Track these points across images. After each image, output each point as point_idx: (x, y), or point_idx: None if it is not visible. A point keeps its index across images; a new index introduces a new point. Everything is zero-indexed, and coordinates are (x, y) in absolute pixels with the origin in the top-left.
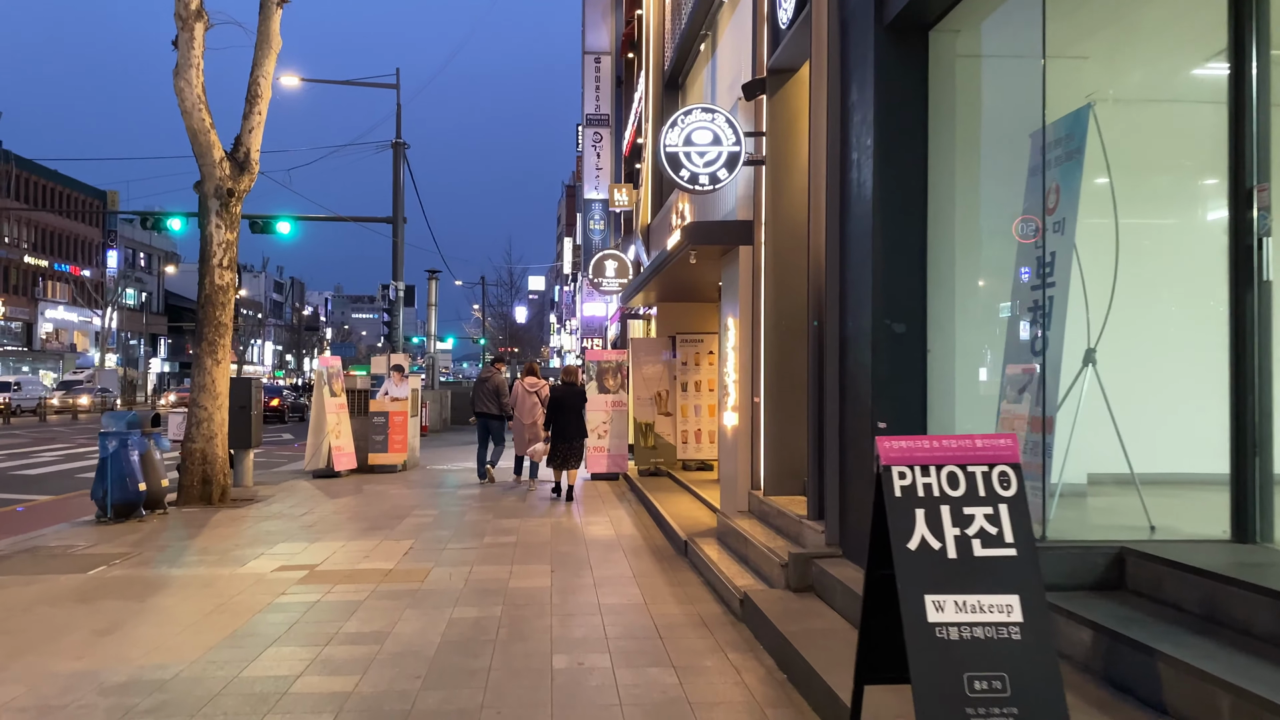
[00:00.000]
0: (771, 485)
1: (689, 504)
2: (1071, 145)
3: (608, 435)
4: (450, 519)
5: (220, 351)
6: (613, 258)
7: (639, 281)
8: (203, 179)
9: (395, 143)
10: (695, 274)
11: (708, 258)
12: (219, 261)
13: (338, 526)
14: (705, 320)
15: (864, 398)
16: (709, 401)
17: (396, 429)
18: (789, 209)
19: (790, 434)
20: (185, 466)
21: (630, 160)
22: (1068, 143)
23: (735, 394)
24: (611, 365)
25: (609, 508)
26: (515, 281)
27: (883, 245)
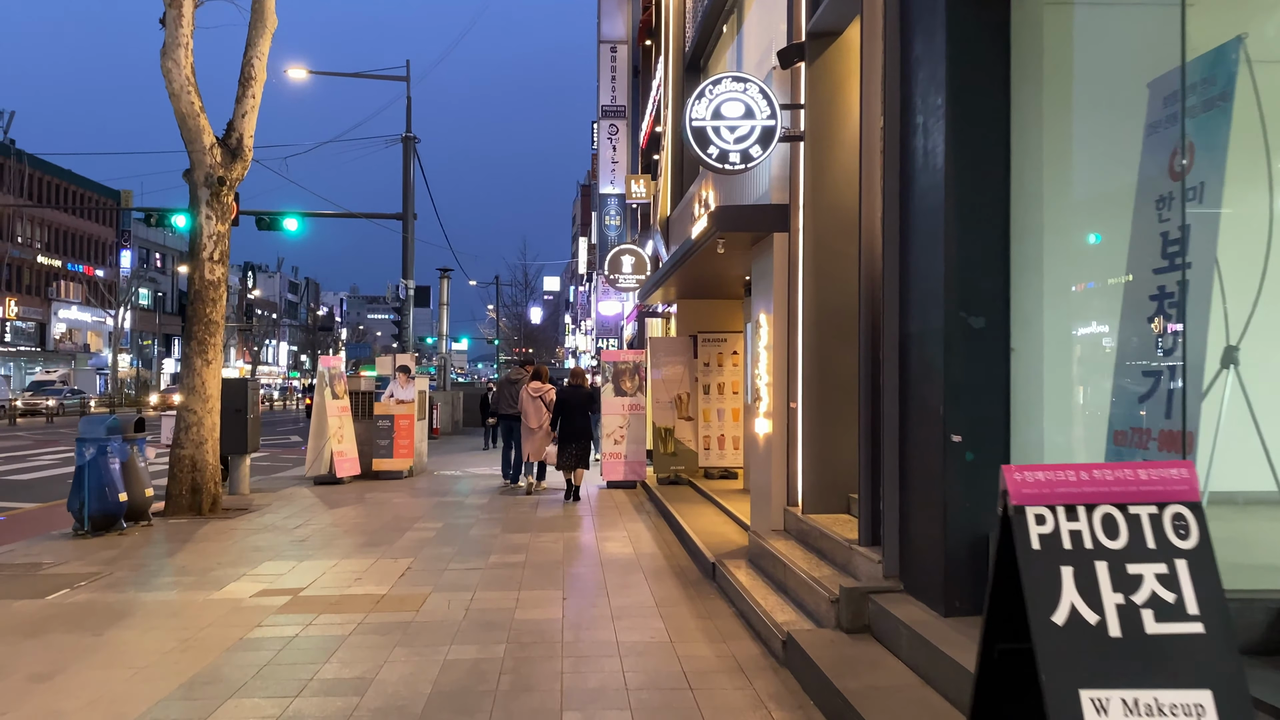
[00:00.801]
0: (811, 502)
1: (714, 517)
2: (1212, 91)
3: (624, 441)
4: (455, 533)
5: (211, 351)
6: (629, 253)
7: (659, 276)
8: (192, 166)
9: (405, 136)
10: (721, 267)
11: (737, 247)
12: (209, 254)
13: (332, 541)
14: (729, 318)
15: (932, 405)
16: (733, 405)
17: (402, 433)
18: (832, 190)
19: (833, 444)
20: (173, 474)
21: (648, 152)
22: (1206, 88)
23: (768, 398)
24: (629, 366)
25: (626, 520)
26: (530, 282)
27: (956, 224)
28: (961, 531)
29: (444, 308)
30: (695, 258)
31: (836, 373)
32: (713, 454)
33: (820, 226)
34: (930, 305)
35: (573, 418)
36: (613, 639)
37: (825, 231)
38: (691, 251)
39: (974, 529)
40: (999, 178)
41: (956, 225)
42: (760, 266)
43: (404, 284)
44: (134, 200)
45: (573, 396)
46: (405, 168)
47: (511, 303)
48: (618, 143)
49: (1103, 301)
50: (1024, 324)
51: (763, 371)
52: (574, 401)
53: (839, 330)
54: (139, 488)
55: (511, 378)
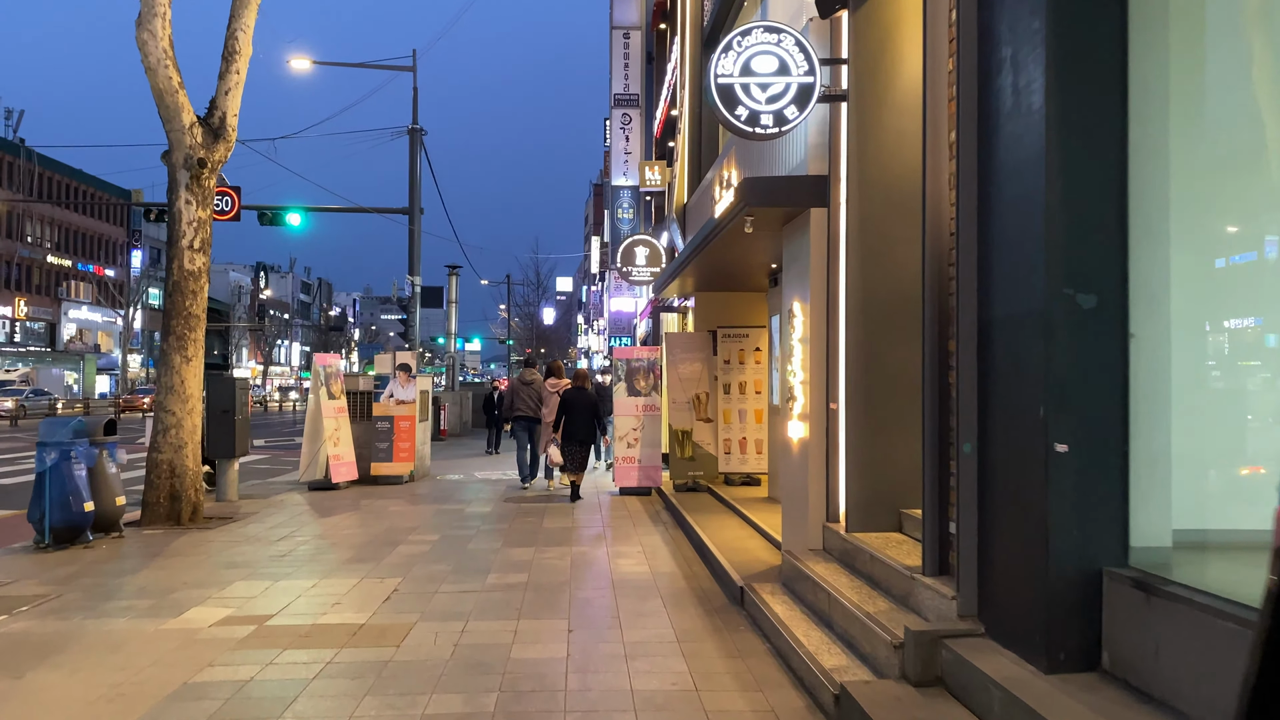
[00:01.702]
0: (857, 518)
1: (737, 530)
2: None
3: (638, 444)
4: (452, 547)
5: (190, 347)
6: (643, 244)
7: (676, 265)
8: (170, 147)
9: (411, 128)
10: (745, 252)
11: (766, 226)
12: (189, 243)
13: (316, 556)
14: (751, 312)
15: (1026, 407)
16: (755, 406)
17: (402, 436)
18: (880, 158)
19: (882, 452)
20: (150, 481)
21: (662, 141)
22: None
23: (804, 398)
24: (643, 364)
25: (641, 532)
26: (542, 281)
27: (1060, 179)
28: (1068, 566)
29: (453, 306)
30: (719, 240)
31: (887, 368)
32: (734, 458)
33: (867, 200)
34: (1023, 282)
35: (575, 420)
36: (626, 686)
37: (873, 205)
38: (715, 233)
39: (1085, 563)
40: (1115, 119)
41: (1060, 180)
42: (794, 248)
43: (410, 280)
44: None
45: (577, 399)
46: (411, 161)
47: (524, 302)
48: (631, 132)
49: (1257, 276)
50: (1147, 304)
51: (797, 368)
52: (578, 404)
53: (890, 319)
54: (108, 496)
55: (525, 379)
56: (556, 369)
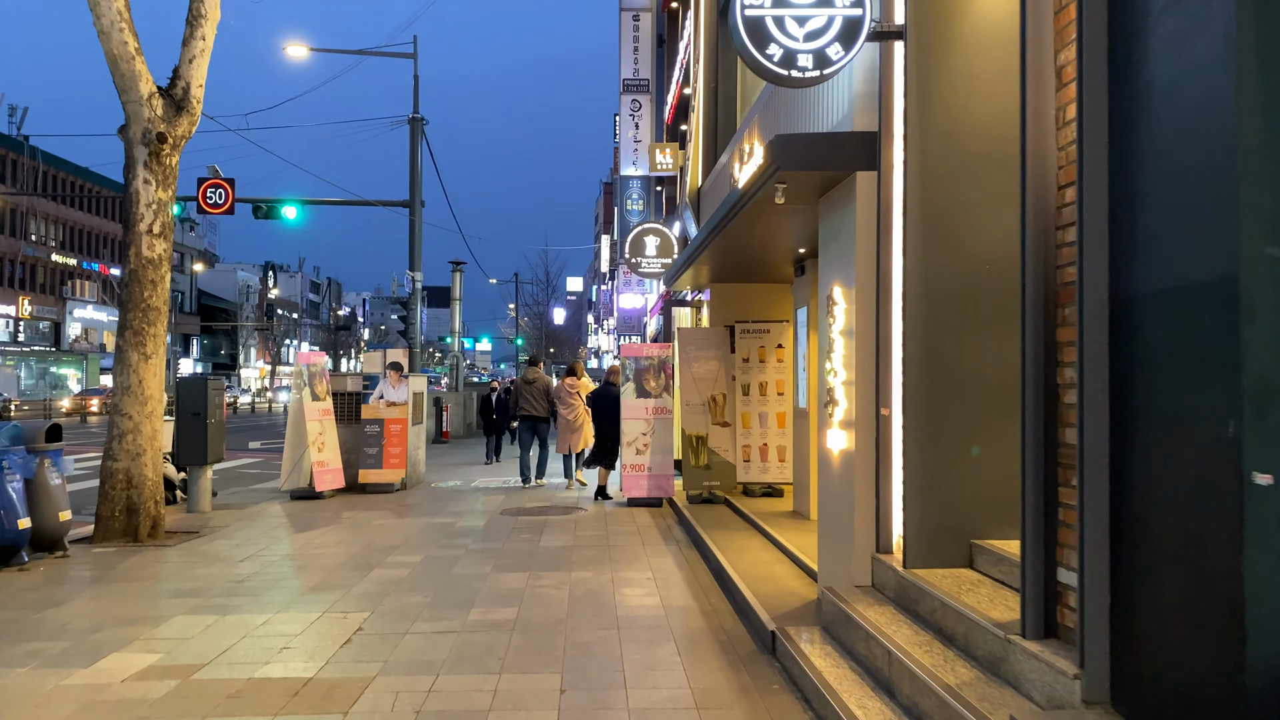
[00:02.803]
0: (918, 550)
1: (762, 553)
2: None
3: (648, 450)
4: (435, 571)
5: (150, 343)
6: (654, 233)
7: (690, 250)
8: (127, 120)
9: (412, 117)
10: (769, 234)
11: (800, 198)
12: (148, 226)
13: (279, 582)
14: (772, 305)
15: (1198, 416)
16: (777, 409)
17: (393, 440)
18: (948, 105)
19: (951, 467)
20: (104, 492)
21: (674, 128)
22: None
23: (847, 402)
24: (653, 363)
25: (651, 553)
26: (551, 281)
27: (1260, 88)
28: (1274, 647)
29: (457, 303)
30: (742, 216)
31: (956, 365)
32: (753, 467)
33: (930, 158)
34: (1193, 241)
35: (603, 418)
36: None
37: (938, 165)
38: (738, 206)
39: None
40: None
41: (1260, 88)
42: (834, 222)
43: (410, 276)
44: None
45: (605, 396)
46: (412, 151)
47: (533, 302)
48: (641, 120)
49: None
50: None
51: (838, 366)
52: (608, 401)
53: (960, 304)
54: (50, 510)
55: (528, 378)
56: (577, 369)
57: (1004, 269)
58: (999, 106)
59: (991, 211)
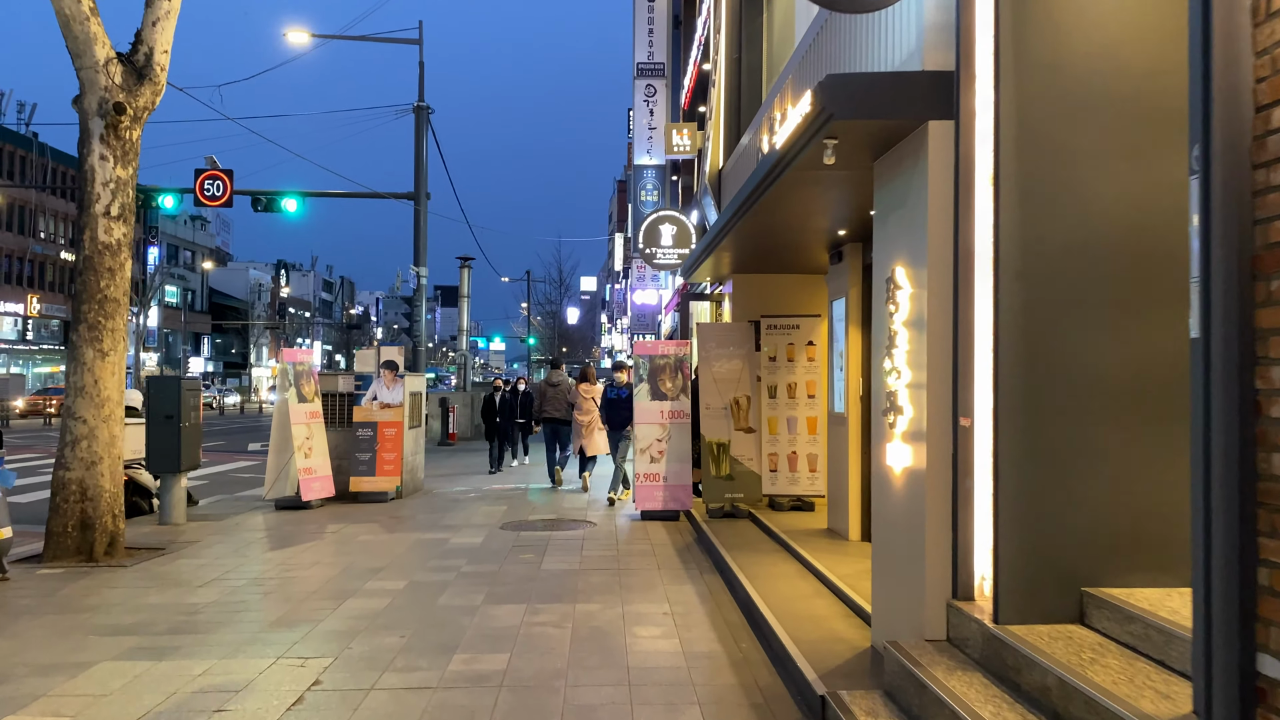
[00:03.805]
0: (1015, 599)
1: (798, 582)
2: None
3: (664, 458)
4: (418, 602)
5: (107, 338)
6: (670, 220)
7: (712, 235)
8: (81, 90)
9: (417, 105)
10: (806, 210)
11: (852, 157)
12: (105, 208)
13: (235, 615)
14: (803, 298)
15: None
16: (808, 413)
17: (387, 445)
18: (1056, 31)
19: (1061, 494)
20: (55, 505)
21: (690, 113)
22: None
23: (914, 409)
24: (669, 361)
25: (668, 579)
26: (565, 280)
27: None
28: None
29: (465, 300)
30: (777, 188)
31: (1067, 363)
32: (781, 478)
33: (1031, 99)
34: None
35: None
36: None
37: (1041, 108)
38: (773, 175)
39: None
40: None
41: None
42: (896, 188)
43: (415, 271)
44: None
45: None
46: (418, 141)
47: (546, 300)
48: (655, 106)
49: None
50: None
51: (901, 364)
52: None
53: (1072, 285)
54: None
55: (551, 380)
56: (589, 374)
57: (1131, 238)
58: (1124, 25)
59: (1113, 166)
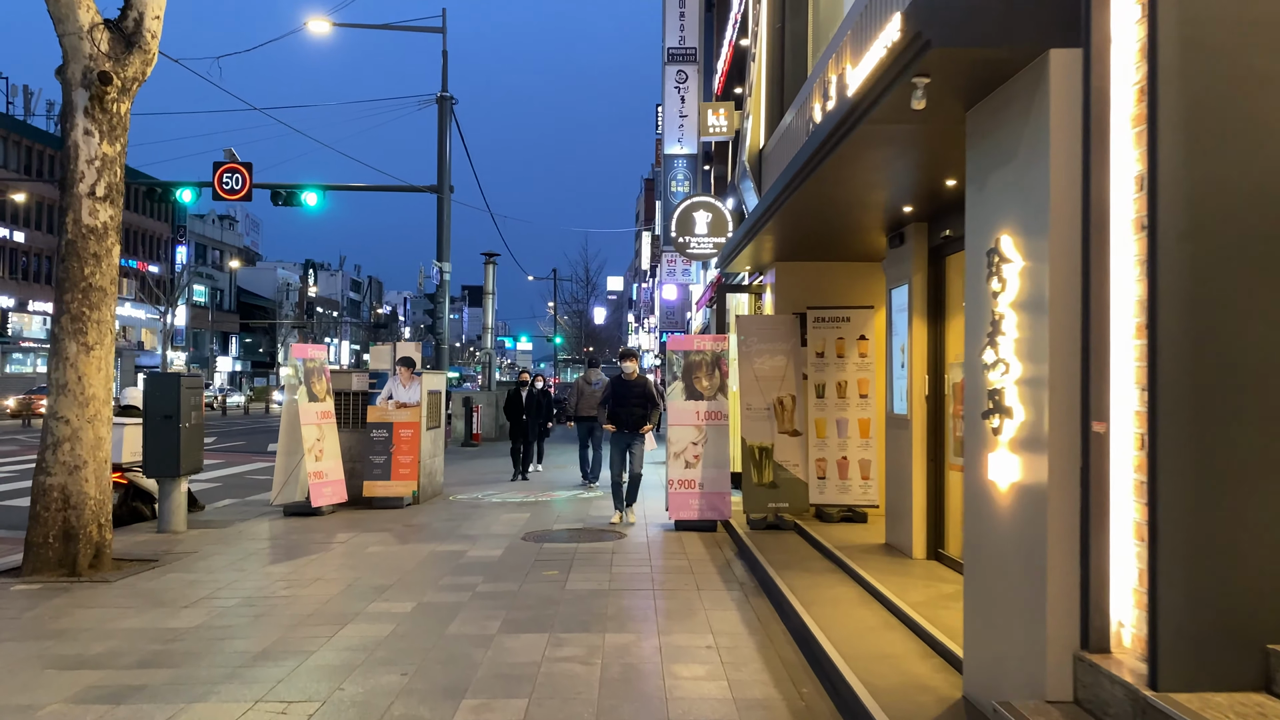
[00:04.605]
0: (1182, 660)
1: (859, 609)
2: None
3: (699, 463)
4: (425, 629)
5: (92, 331)
6: (705, 207)
7: (756, 216)
8: (65, 59)
9: (440, 96)
10: (870, 181)
11: (941, 104)
12: (89, 188)
13: (217, 643)
14: (853, 287)
15: None
16: (859, 414)
17: (403, 447)
18: None
19: (1243, 525)
20: (35, 514)
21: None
22: None
23: (1027, 411)
24: (705, 358)
25: (709, 602)
26: (592, 279)
27: None
28: None
29: (490, 297)
30: (846, 147)
31: (1254, 355)
32: (830, 486)
33: (1202, 15)
34: None
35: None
36: None
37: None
38: (842, 130)
39: None
40: None
41: None
42: (1001, 138)
43: (438, 267)
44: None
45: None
46: (441, 133)
47: (572, 300)
48: (687, 92)
49: None
50: None
51: (1008, 355)
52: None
53: (1265, 252)
54: None
55: (589, 379)
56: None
57: None
58: None
59: None
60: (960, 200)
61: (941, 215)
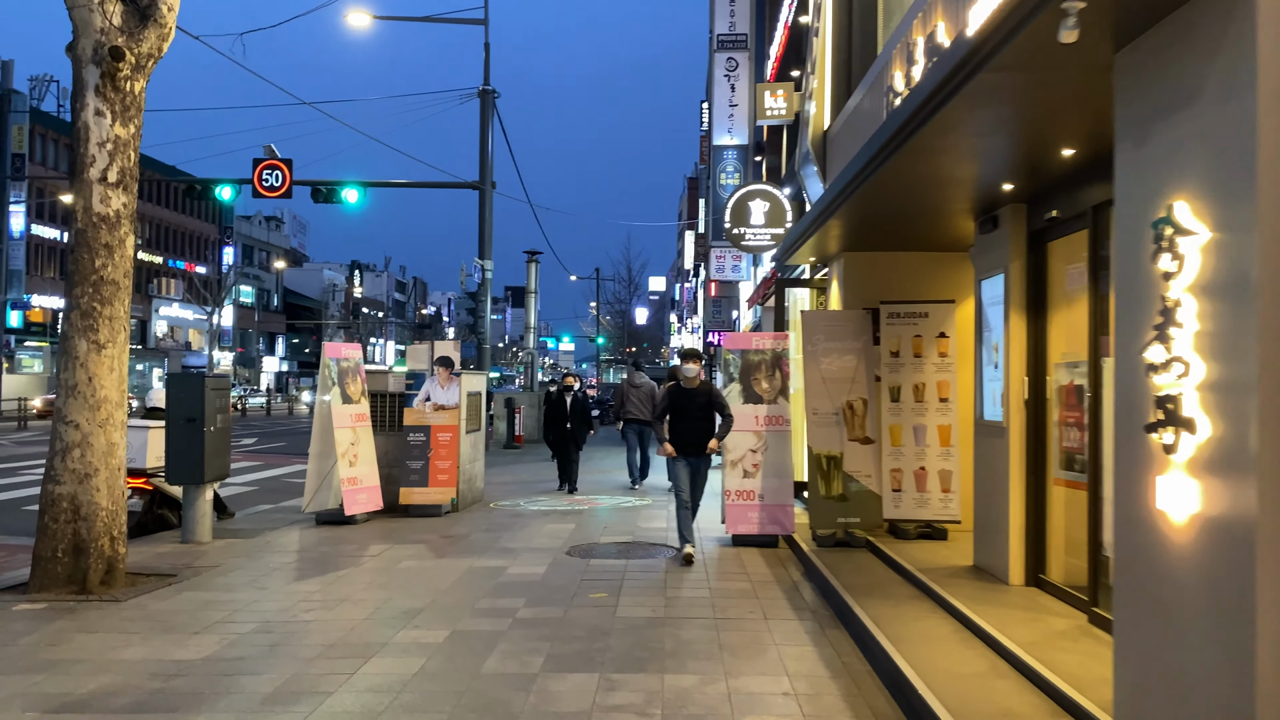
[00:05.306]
0: None
1: (958, 647)
2: None
3: (758, 473)
4: (459, 665)
5: (104, 328)
6: (761, 196)
7: (830, 198)
8: (75, 33)
9: (483, 89)
10: (968, 153)
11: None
12: (101, 173)
13: (223, 680)
14: (932, 279)
15: None
16: (939, 420)
17: (441, 452)
18: None
19: None
20: (43, 526)
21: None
22: None
23: (1215, 422)
24: (764, 358)
25: (780, 635)
26: (634, 278)
27: None
28: None
29: (532, 296)
30: (952, 110)
31: None
32: (906, 499)
33: None
34: None
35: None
36: None
37: None
38: (956, 80)
39: None
40: None
41: None
42: (1177, 77)
43: (479, 264)
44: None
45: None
46: (483, 128)
47: (614, 299)
48: (737, 80)
49: None
50: None
51: (1186, 351)
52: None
53: None
54: None
55: (634, 381)
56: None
57: None
58: None
59: None
60: (1072, 176)
61: (1046, 194)
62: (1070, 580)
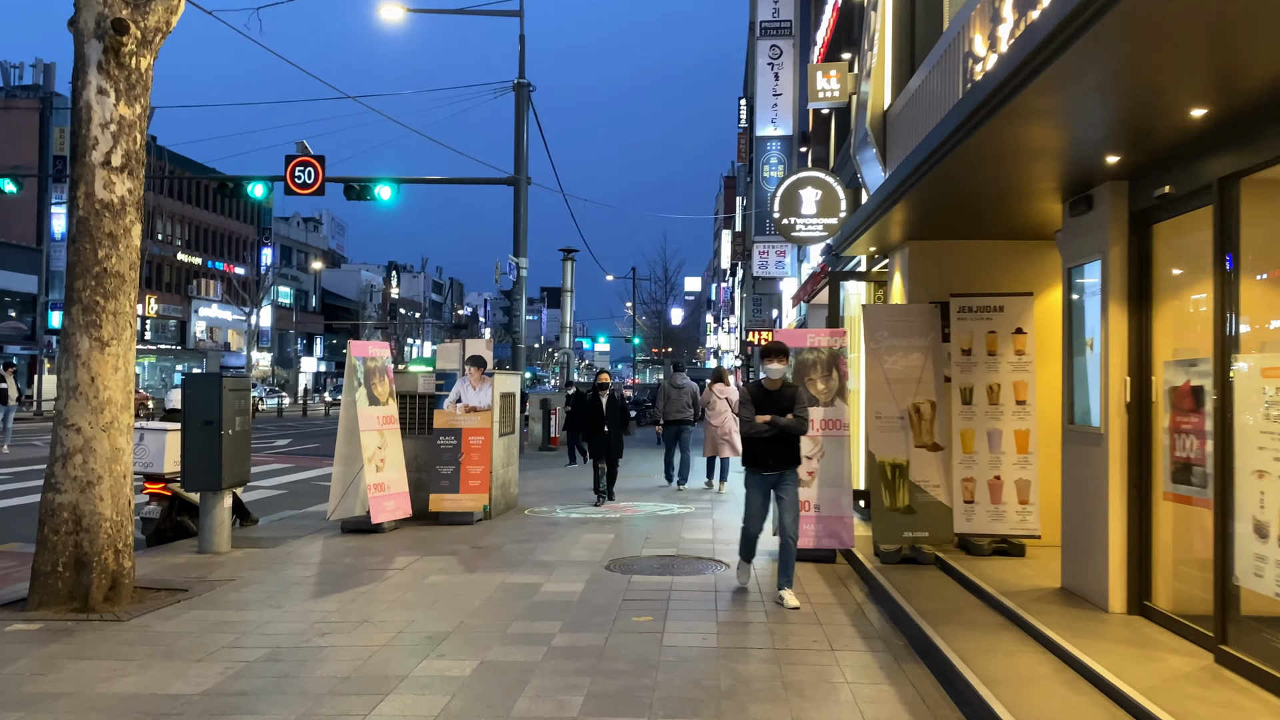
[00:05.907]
0: None
1: (1062, 690)
2: None
3: (813, 481)
4: (486, 704)
5: (108, 324)
6: (814, 184)
7: (906, 173)
8: (76, 7)
9: (518, 83)
10: (1073, 119)
11: None
12: (104, 156)
13: (220, 718)
14: (1007, 270)
15: None
16: (1016, 425)
17: (473, 457)
18: None
19: None
20: (43, 537)
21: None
22: None
23: None
24: (820, 356)
25: (850, 672)
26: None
27: None
28: None
29: (568, 295)
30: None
31: None
32: (979, 511)
33: None
34: None
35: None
36: None
37: None
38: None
39: None
40: None
41: None
42: None
43: (514, 262)
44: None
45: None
46: (518, 122)
47: (650, 300)
48: (781, 69)
49: None
50: None
51: None
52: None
53: None
54: None
55: (676, 383)
56: (723, 375)
57: None
58: None
59: None
60: (1193, 143)
61: (1154, 168)
62: (1182, 609)
